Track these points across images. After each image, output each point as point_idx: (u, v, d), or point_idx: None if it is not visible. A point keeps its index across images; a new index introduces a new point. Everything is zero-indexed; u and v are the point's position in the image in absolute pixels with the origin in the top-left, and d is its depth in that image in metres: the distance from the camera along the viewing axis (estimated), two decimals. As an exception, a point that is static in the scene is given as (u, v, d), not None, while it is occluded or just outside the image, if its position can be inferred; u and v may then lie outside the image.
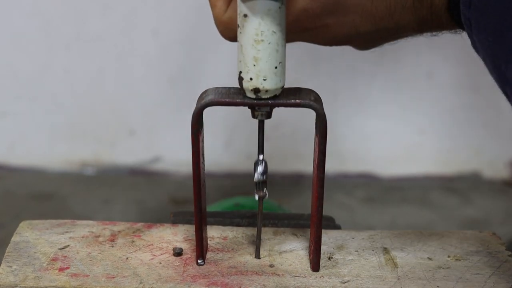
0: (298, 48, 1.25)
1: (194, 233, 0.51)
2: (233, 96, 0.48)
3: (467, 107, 1.27)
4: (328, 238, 0.56)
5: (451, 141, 1.29)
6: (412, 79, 1.25)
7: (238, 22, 0.46)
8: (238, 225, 0.58)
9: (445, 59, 1.21)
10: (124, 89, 1.23)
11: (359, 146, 1.29)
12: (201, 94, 0.49)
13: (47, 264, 0.51)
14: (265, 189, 0.51)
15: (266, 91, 0.47)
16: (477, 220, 1.17)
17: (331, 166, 1.31)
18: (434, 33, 0.56)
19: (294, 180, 1.29)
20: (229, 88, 0.49)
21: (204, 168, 0.52)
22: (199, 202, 0.51)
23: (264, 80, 0.47)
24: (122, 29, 1.21)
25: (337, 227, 0.60)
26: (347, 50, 1.31)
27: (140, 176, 1.25)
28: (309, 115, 1.42)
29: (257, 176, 0.51)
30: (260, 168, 0.51)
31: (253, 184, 0.51)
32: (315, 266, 0.51)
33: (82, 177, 1.27)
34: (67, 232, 0.56)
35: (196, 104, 0.48)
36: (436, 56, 1.21)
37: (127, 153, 1.28)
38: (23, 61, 1.23)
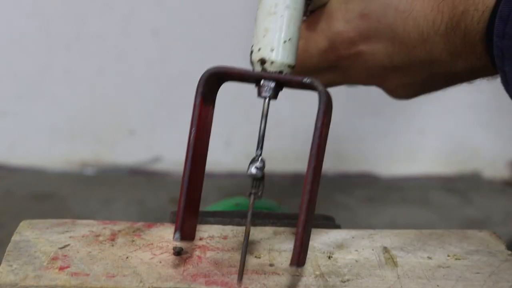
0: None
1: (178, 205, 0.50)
2: (242, 69, 0.48)
3: (467, 107, 1.27)
4: (328, 237, 0.56)
5: (451, 141, 1.29)
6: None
7: None
8: (238, 224, 0.58)
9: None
10: (124, 89, 1.23)
11: (359, 146, 1.29)
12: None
13: (47, 263, 0.51)
14: (261, 185, 0.50)
15: (272, 62, 0.47)
16: (477, 220, 1.17)
17: (331, 166, 1.32)
18: (471, 79, 0.55)
19: (294, 180, 1.29)
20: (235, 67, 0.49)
21: (207, 145, 0.52)
22: (190, 169, 0.50)
23: (271, 51, 0.47)
24: (122, 29, 1.21)
25: (337, 226, 0.60)
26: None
27: (140, 176, 1.25)
28: (309, 115, 1.42)
29: (253, 170, 0.49)
30: (256, 164, 0.50)
31: (251, 182, 0.50)
32: (296, 260, 0.49)
33: (82, 177, 1.27)
34: (67, 231, 0.56)
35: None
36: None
37: (127, 153, 1.28)
38: (23, 61, 1.23)
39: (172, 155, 1.26)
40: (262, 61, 0.47)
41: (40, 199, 1.19)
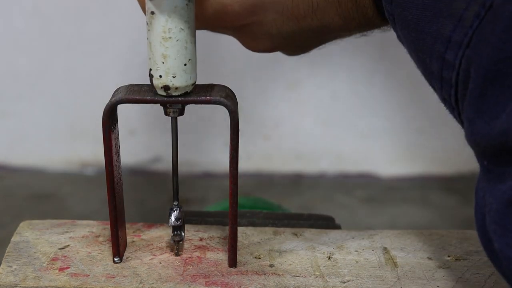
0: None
1: (110, 232, 0.52)
2: (144, 94, 0.48)
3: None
4: (328, 238, 0.56)
5: (451, 141, 1.29)
6: (412, 79, 1.25)
7: (147, 20, 0.46)
8: (238, 224, 0.58)
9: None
10: (124, 89, 1.23)
11: (359, 146, 1.29)
12: (114, 92, 0.49)
13: (47, 264, 0.51)
14: (182, 233, 0.53)
15: (176, 88, 0.47)
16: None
17: (331, 166, 1.32)
18: (363, 32, 0.55)
19: (294, 180, 1.29)
20: (142, 85, 0.49)
21: (119, 166, 0.52)
22: (113, 200, 0.51)
23: (174, 77, 0.46)
24: (122, 29, 1.21)
25: (337, 227, 0.60)
26: (347, 50, 1.31)
27: (140, 176, 1.25)
28: (309, 115, 1.43)
29: (173, 222, 0.52)
30: (175, 214, 0.53)
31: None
32: (232, 262, 0.52)
33: (82, 177, 1.27)
34: (67, 232, 0.56)
35: (108, 101, 0.48)
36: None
37: (127, 153, 1.28)
38: (23, 61, 1.23)
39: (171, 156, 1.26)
40: (166, 88, 0.47)
41: (40, 199, 1.19)
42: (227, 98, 0.48)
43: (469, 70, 0.39)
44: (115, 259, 0.52)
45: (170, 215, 0.52)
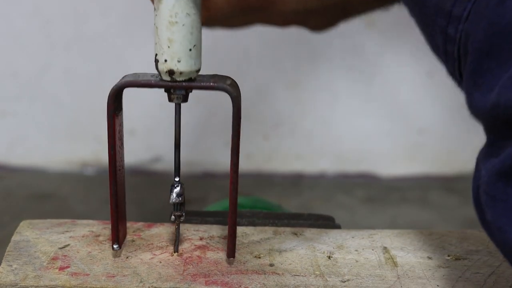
0: (298, 48, 1.25)
1: (110, 218, 0.52)
2: (149, 79, 0.49)
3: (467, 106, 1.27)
4: (328, 237, 0.56)
5: (451, 141, 1.29)
6: (412, 79, 1.25)
7: (154, 5, 0.47)
8: (238, 224, 0.58)
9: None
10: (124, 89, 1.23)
11: (359, 146, 1.29)
12: (121, 79, 0.50)
13: (47, 263, 0.51)
14: (183, 210, 0.53)
15: (181, 73, 0.48)
16: (477, 220, 1.16)
17: (331, 166, 1.32)
18: (382, 6, 0.56)
19: (294, 180, 1.29)
20: (147, 74, 0.50)
21: (122, 154, 0.53)
22: (114, 186, 0.51)
23: (179, 62, 0.47)
24: (122, 29, 1.21)
25: (336, 226, 0.60)
26: (347, 50, 1.31)
27: (140, 176, 1.25)
28: (309, 115, 1.43)
29: (174, 198, 0.52)
30: (176, 190, 0.53)
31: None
32: (230, 252, 0.52)
33: (82, 177, 1.27)
34: (67, 231, 0.56)
35: (114, 85, 0.49)
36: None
37: (127, 153, 1.27)
38: (23, 61, 1.23)
39: (172, 155, 1.26)
40: (171, 72, 0.48)
41: (40, 199, 1.19)
42: (230, 85, 0.49)
43: (467, 44, 0.40)
44: (114, 246, 0.52)
45: (171, 191, 0.53)
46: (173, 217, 0.53)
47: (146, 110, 1.24)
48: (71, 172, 1.28)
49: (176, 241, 0.54)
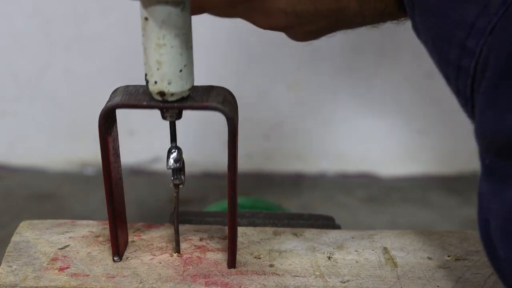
0: (298, 48, 1.25)
1: (109, 232, 0.52)
2: (140, 98, 0.47)
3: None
4: (328, 238, 0.56)
5: (451, 141, 1.29)
6: (412, 79, 1.25)
7: (141, 25, 0.45)
8: (238, 224, 0.58)
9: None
10: (124, 89, 1.23)
11: (359, 146, 1.29)
12: (111, 94, 0.49)
13: (47, 264, 0.51)
14: (182, 176, 0.51)
15: (172, 94, 0.46)
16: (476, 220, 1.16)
17: (331, 166, 1.32)
18: (376, 23, 0.54)
19: (294, 180, 1.29)
20: (140, 87, 0.49)
21: (119, 167, 0.52)
22: (111, 202, 0.51)
23: (169, 84, 0.45)
24: (122, 29, 1.21)
25: (336, 226, 0.60)
26: (347, 51, 1.31)
27: (140, 176, 1.25)
28: (309, 114, 1.43)
29: (171, 164, 0.51)
30: (173, 155, 0.51)
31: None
32: (231, 263, 0.52)
33: (82, 177, 1.27)
34: (67, 232, 0.56)
35: (104, 106, 0.47)
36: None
37: (127, 153, 1.27)
38: (23, 61, 1.23)
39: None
40: (162, 94, 0.46)
41: (40, 199, 1.19)
42: (224, 103, 0.47)
43: (488, 58, 0.38)
44: (115, 258, 0.52)
45: (168, 157, 0.51)
46: (171, 184, 0.52)
47: (145, 110, 1.24)
48: (71, 172, 1.28)
49: (176, 208, 0.52)
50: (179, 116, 0.49)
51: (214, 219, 0.59)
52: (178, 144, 0.52)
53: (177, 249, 0.54)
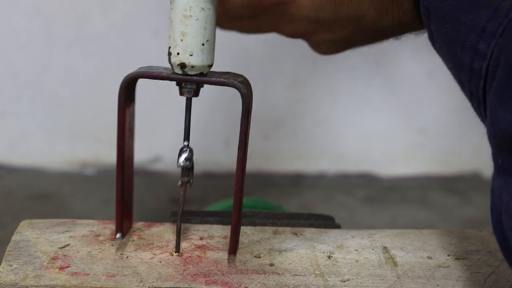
0: (298, 48, 1.25)
1: (115, 206, 0.53)
2: (161, 71, 0.50)
3: (467, 107, 1.27)
4: (328, 237, 0.56)
5: (451, 141, 1.29)
6: (412, 79, 1.25)
7: None
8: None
9: (445, 59, 1.22)
10: (124, 89, 1.23)
11: (359, 146, 1.29)
12: (136, 70, 0.51)
13: (47, 263, 0.51)
14: (191, 174, 0.53)
15: (192, 67, 0.48)
16: (477, 220, 1.17)
17: (331, 166, 1.32)
18: (396, 35, 0.55)
19: (294, 180, 1.29)
20: (161, 67, 0.51)
21: (132, 145, 0.53)
22: (122, 176, 0.52)
23: (191, 55, 0.48)
24: (122, 29, 1.21)
25: (336, 226, 0.60)
26: (347, 51, 1.30)
27: (140, 176, 1.25)
28: (309, 114, 1.42)
29: (182, 162, 0.52)
30: (185, 155, 0.52)
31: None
32: (232, 249, 0.53)
33: (82, 177, 1.27)
34: (67, 231, 0.56)
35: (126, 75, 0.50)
36: (436, 56, 1.21)
37: (127, 153, 1.28)
38: (23, 61, 1.23)
39: (172, 155, 1.26)
40: (182, 65, 0.48)
41: (40, 199, 1.19)
42: (241, 83, 0.49)
43: (499, 59, 0.39)
44: (117, 235, 0.54)
45: (179, 155, 0.52)
46: (179, 182, 0.53)
47: (146, 110, 1.25)
48: (71, 172, 1.28)
49: (181, 206, 0.53)
50: (196, 93, 0.50)
51: (214, 219, 0.59)
52: (177, 144, 0.53)
53: (177, 249, 0.54)
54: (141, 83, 0.56)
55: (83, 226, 0.57)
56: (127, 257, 0.53)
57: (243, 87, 0.49)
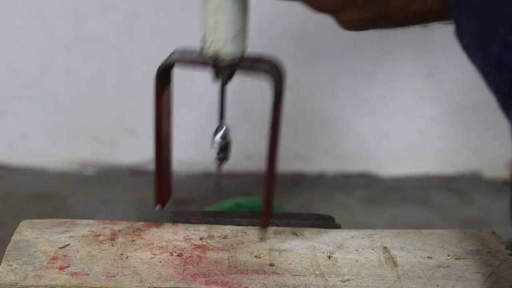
0: (298, 48, 1.25)
1: (154, 182, 0.55)
2: (196, 59, 0.50)
3: (467, 107, 1.27)
4: (328, 237, 0.56)
5: (451, 141, 1.29)
6: (412, 79, 1.25)
7: None
8: (238, 224, 0.58)
9: (446, 58, 1.22)
10: (124, 89, 1.23)
11: (359, 146, 1.29)
12: (170, 54, 0.52)
13: (47, 263, 0.51)
14: (227, 151, 0.55)
15: (224, 57, 0.49)
16: (477, 220, 1.17)
17: (331, 166, 1.32)
18: (423, 22, 0.55)
19: (294, 180, 1.29)
20: (196, 52, 0.51)
21: (170, 126, 0.55)
22: (159, 155, 0.54)
23: (223, 45, 0.48)
24: (122, 29, 1.21)
25: (337, 226, 0.60)
26: (347, 51, 1.31)
27: (140, 176, 1.25)
28: (308, 114, 1.42)
29: (218, 140, 0.55)
30: (221, 132, 0.55)
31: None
32: (265, 222, 0.54)
33: (82, 177, 1.27)
34: (67, 231, 0.56)
35: (161, 63, 0.51)
36: (436, 56, 1.22)
37: (127, 153, 1.28)
38: (23, 61, 1.23)
39: (172, 155, 1.26)
40: (214, 55, 0.49)
41: (40, 199, 1.19)
42: (273, 69, 0.50)
43: None
44: (156, 207, 0.55)
45: (215, 134, 0.55)
46: (216, 159, 0.55)
47: (146, 110, 1.24)
48: (71, 172, 1.28)
49: (216, 190, 0.55)
50: (229, 79, 0.51)
51: (214, 219, 0.59)
52: (178, 143, 0.53)
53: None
54: (141, 84, 0.56)
55: (83, 226, 0.57)
56: (127, 257, 0.53)
57: (274, 73, 0.49)
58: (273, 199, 0.53)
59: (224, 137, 0.54)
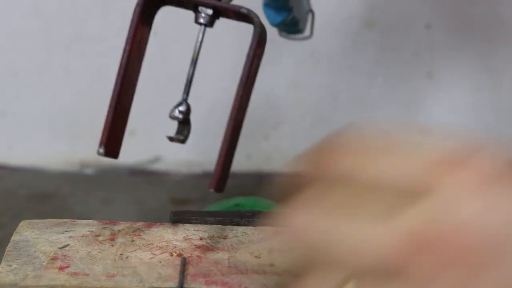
0: (298, 48, 1.25)
1: (104, 122, 0.52)
2: None
3: (467, 107, 1.27)
4: (328, 237, 0.56)
5: (451, 141, 1.29)
6: (412, 79, 1.25)
7: None
8: (238, 224, 0.59)
9: (446, 58, 1.22)
10: (124, 89, 1.23)
11: (359, 146, 1.29)
12: None
13: (47, 263, 0.51)
14: (185, 132, 0.52)
15: None
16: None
17: (331, 166, 1.32)
18: None
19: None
20: None
21: (138, 70, 0.53)
22: (120, 92, 0.53)
23: None
24: (122, 29, 1.21)
25: (337, 226, 0.60)
26: (347, 50, 1.31)
27: (140, 176, 1.25)
28: (309, 114, 1.42)
29: (175, 113, 0.51)
30: (180, 107, 0.52)
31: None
32: (213, 183, 0.53)
33: (82, 177, 1.27)
34: (67, 231, 0.56)
35: None
36: (436, 56, 1.22)
37: (127, 153, 1.27)
38: (23, 61, 1.23)
39: (172, 155, 1.26)
40: None
41: (40, 199, 1.19)
42: (255, 15, 0.49)
43: None
44: (100, 150, 0.51)
45: (174, 107, 0.51)
46: (167, 137, 0.51)
47: (146, 110, 1.24)
48: (71, 172, 1.28)
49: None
50: (211, 23, 0.50)
51: (214, 219, 0.59)
52: (178, 144, 0.52)
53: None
54: (141, 83, 0.56)
55: (82, 226, 0.57)
56: (127, 257, 0.53)
57: (257, 16, 0.48)
58: (232, 157, 0.50)
59: (183, 112, 0.51)
